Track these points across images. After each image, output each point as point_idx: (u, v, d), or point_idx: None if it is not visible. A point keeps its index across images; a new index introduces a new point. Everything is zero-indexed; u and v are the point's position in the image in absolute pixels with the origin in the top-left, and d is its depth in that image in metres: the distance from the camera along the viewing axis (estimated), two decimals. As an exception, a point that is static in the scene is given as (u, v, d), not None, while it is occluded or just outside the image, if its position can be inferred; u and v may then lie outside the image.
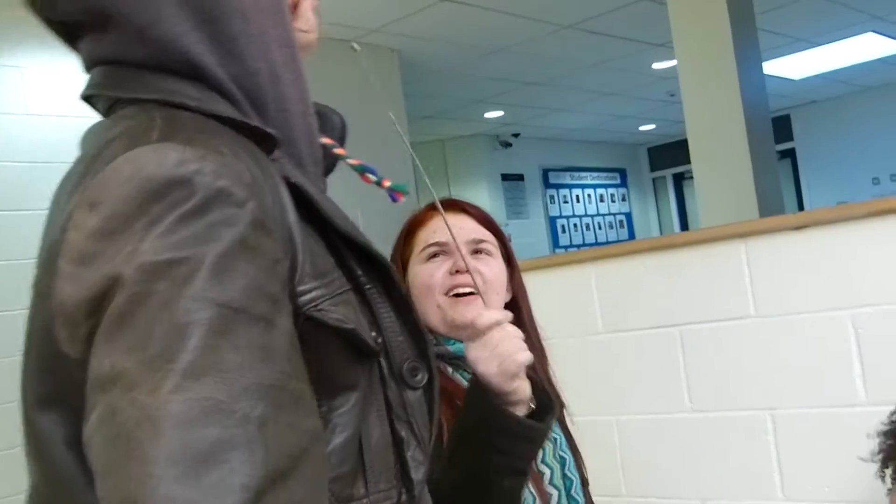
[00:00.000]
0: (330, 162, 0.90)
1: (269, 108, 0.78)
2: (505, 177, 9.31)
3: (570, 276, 2.59)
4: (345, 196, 4.20)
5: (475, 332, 1.26)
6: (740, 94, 4.18)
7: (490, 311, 1.27)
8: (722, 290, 2.33)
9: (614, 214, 10.71)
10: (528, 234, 9.23)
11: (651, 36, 6.16)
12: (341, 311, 0.72)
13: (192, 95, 0.74)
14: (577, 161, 10.28)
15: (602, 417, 2.56)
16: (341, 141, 0.94)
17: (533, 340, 1.52)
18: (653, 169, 11.27)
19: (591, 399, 2.56)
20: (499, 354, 1.23)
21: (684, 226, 11.05)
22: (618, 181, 10.90)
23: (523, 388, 1.24)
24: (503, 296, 1.53)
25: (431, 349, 0.82)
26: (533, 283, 1.65)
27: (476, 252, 1.52)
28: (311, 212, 0.74)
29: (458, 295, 1.46)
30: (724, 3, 4.12)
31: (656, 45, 6.39)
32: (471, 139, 9.04)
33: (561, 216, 9.99)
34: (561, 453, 1.46)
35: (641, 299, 2.47)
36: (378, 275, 0.79)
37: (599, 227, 10.43)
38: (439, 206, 1.38)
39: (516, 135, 9.24)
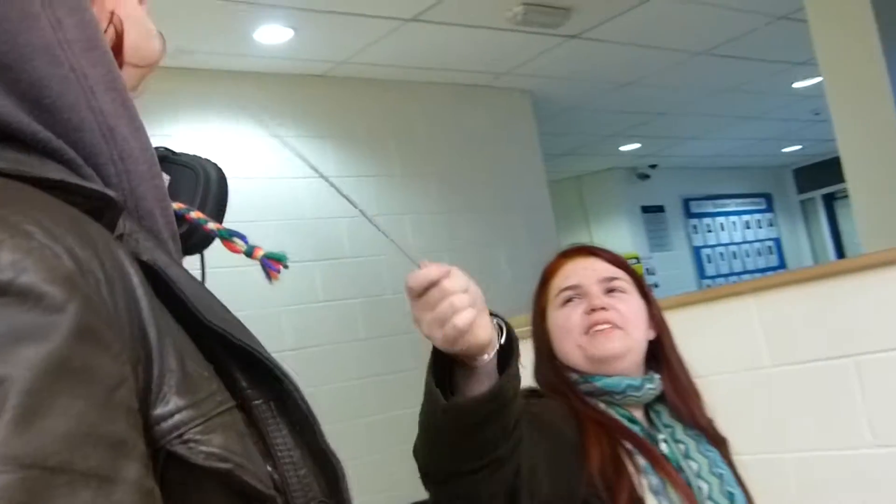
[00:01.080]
0: (201, 236, 0.68)
1: (109, 169, 0.58)
2: (645, 209, 9.15)
3: (730, 309, 2.48)
4: (489, 237, 4.16)
5: (410, 294, 1.13)
6: (894, 107, 3.97)
7: (426, 269, 1.11)
8: (897, 315, 2.19)
9: (762, 241, 10.34)
10: (672, 266, 9.01)
11: (790, 55, 5.96)
12: (218, 442, 0.51)
13: (5, 158, 0.54)
14: (719, 188, 10.00)
15: (773, 455, 2.43)
16: (221, 200, 0.71)
17: (682, 378, 1.53)
18: (800, 191, 10.84)
19: (759, 436, 2.44)
20: (438, 318, 1.09)
21: (839, 248, 10.55)
22: (763, 206, 10.54)
23: (477, 338, 1.09)
24: (644, 331, 1.52)
25: (345, 480, 0.62)
26: (689, 318, 1.66)
27: (610, 291, 1.53)
28: (176, 302, 0.55)
29: (597, 332, 1.49)
30: (872, 14, 3.94)
31: (796, 63, 6.17)
32: (607, 173, 8.93)
33: (706, 246, 9.72)
34: (729, 489, 1.43)
35: (809, 330, 2.35)
36: (271, 386, 0.58)
37: (747, 255, 10.09)
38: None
39: (654, 166, 9.08)
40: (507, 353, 1.14)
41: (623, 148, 8.23)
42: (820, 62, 4.20)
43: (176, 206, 0.66)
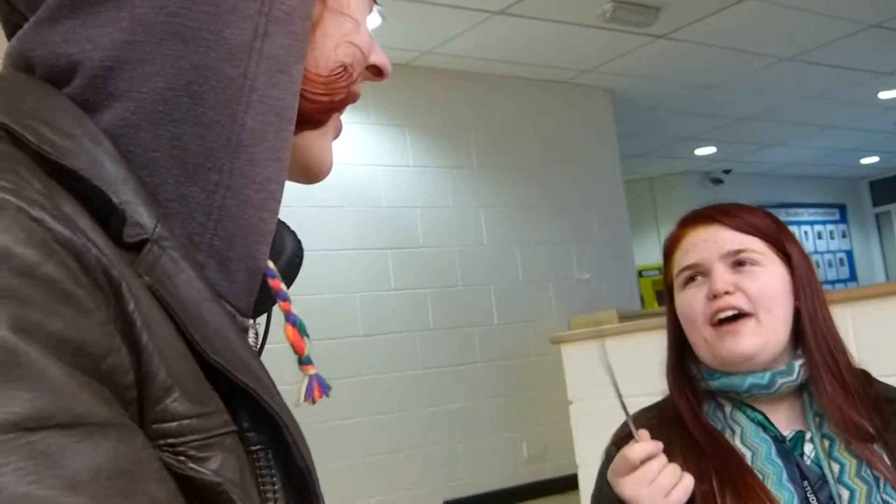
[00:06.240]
0: (264, 298, 0.60)
1: (209, 176, 0.53)
2: (716, 214, 9.04)
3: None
4: (562, 234, 4.19)
5: (627, 466, 1.20)
6: None
7: (642, 444, 1.20)
8: None
9: (833, 252, 10.17)
10: (740, 274, 8.89)
11: (878, 64, 5.85)
12: (214, 465, 0.46)
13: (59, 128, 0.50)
14: (793, 197, 9.85)
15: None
16: (291, 274, 0.64)
17: (822, 362, 1.28)
18: (876, 203, 10.63)
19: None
20: (661, 489, 1.17)
21: (911, 263, 10.36)
22: (837, 217, 10.35)
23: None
24: (787, 307, 1.29)
25: None
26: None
27: (738, 264, 1.30)
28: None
29: (723, 321, 1.28)
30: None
31: (883, 73, 6.06)
32: (680, 177, 8.85)
33: (776, 254, 9.58)
34: (885, 497, 1.22)
35: (904, 342, 2.31)
36: (274, 432, 0.51)
37: (818, 266, 9.91)
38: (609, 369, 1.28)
39: (728, 171, 8.98)
40: None
41: (699, 152, 8.15)
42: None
43: (271, 264, 0.60)
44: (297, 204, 4.37)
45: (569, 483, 3.69)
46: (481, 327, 4.89)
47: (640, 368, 1.45)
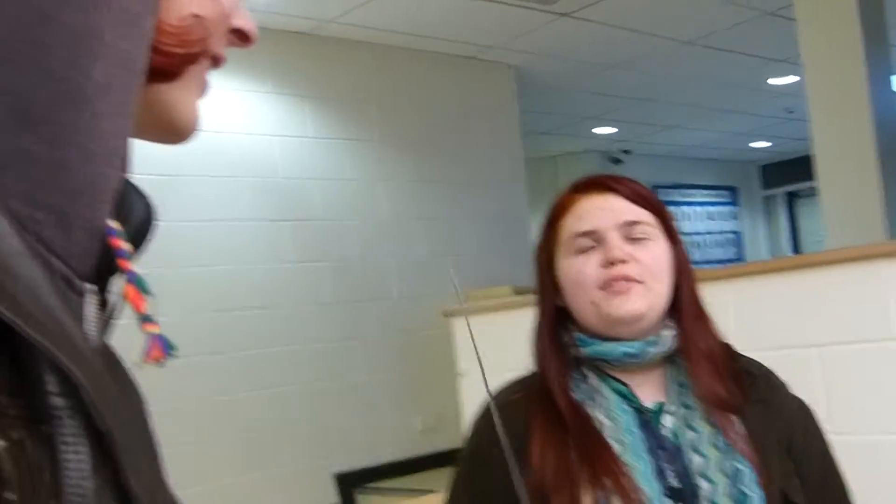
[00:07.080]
0: (105, 267, 0.55)
1: (51, 129, 0.49)
2: (614, 194, 9.22)
3: (707, 294, 2.53)
4: (459, 210, 4.20)
5: None
6: (870, 110, 4.05)
7: None
8: (864, 311, 2.26)
9: (723, 233, 10.50)
10: (636, 252, 9.10)
11: (770, 51, 6.03)
12: None
13: None
14: (688, 178, 10.11)
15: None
16: (140, 237, 0.59)
17: (693, 335, 1.32)
18: (765, 187, 11.02)
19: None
20: None
21: (795, 245, 10.77)
22: (728, 199, 10.68)
23: None
24: (668, 282, 1.33)
25: None
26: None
27: (632, 236, 1.32)
28: None
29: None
30: (858, 18, 4.00)
31: (775, 60, 6.24)
32: (581, 155, 8.98)
33: (670, 234, 9.83)
34: (734, 462, 1.25)
35: (779, 319, 2.41)
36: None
37: (708, 246, 10.23)
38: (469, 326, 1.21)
39: (627, 151, 9.15)
40: None
41: (599, 131, 8.27)
42: (803, 60, 4.27)
43: (113, 223, 0.55)
44: (190, 173, 4.29)
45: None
46: (379, 301, 4.88)
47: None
